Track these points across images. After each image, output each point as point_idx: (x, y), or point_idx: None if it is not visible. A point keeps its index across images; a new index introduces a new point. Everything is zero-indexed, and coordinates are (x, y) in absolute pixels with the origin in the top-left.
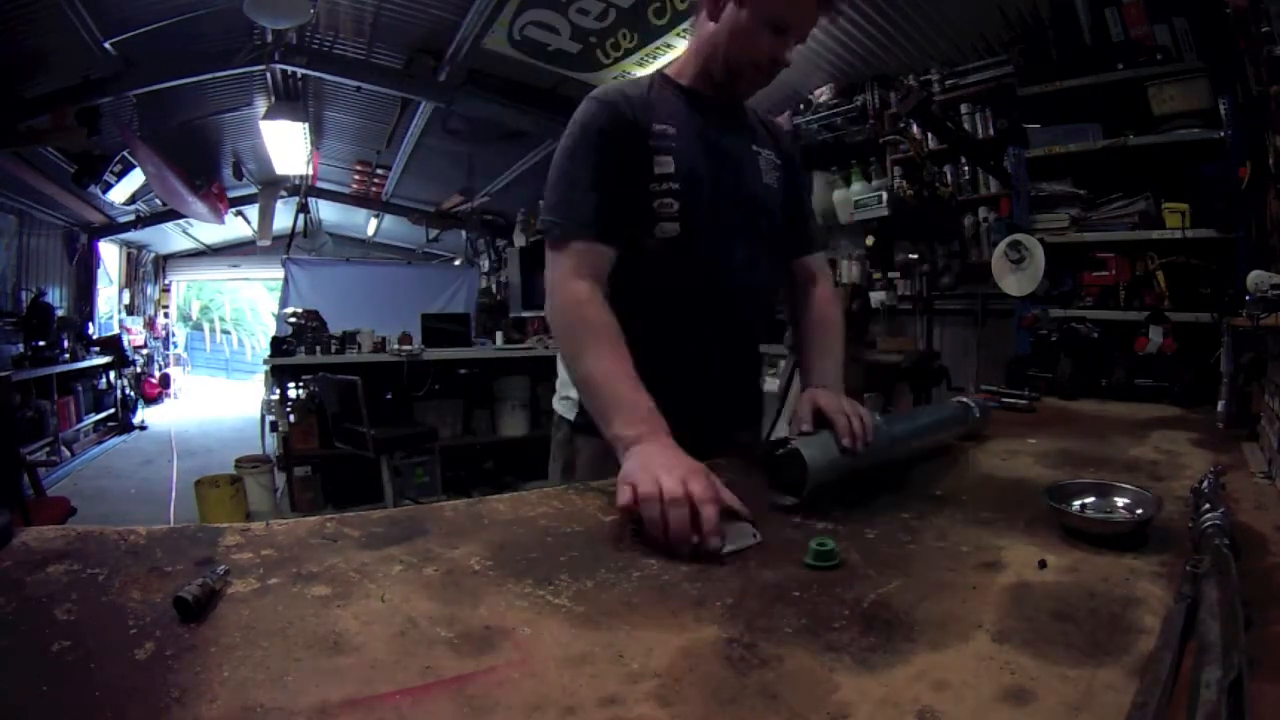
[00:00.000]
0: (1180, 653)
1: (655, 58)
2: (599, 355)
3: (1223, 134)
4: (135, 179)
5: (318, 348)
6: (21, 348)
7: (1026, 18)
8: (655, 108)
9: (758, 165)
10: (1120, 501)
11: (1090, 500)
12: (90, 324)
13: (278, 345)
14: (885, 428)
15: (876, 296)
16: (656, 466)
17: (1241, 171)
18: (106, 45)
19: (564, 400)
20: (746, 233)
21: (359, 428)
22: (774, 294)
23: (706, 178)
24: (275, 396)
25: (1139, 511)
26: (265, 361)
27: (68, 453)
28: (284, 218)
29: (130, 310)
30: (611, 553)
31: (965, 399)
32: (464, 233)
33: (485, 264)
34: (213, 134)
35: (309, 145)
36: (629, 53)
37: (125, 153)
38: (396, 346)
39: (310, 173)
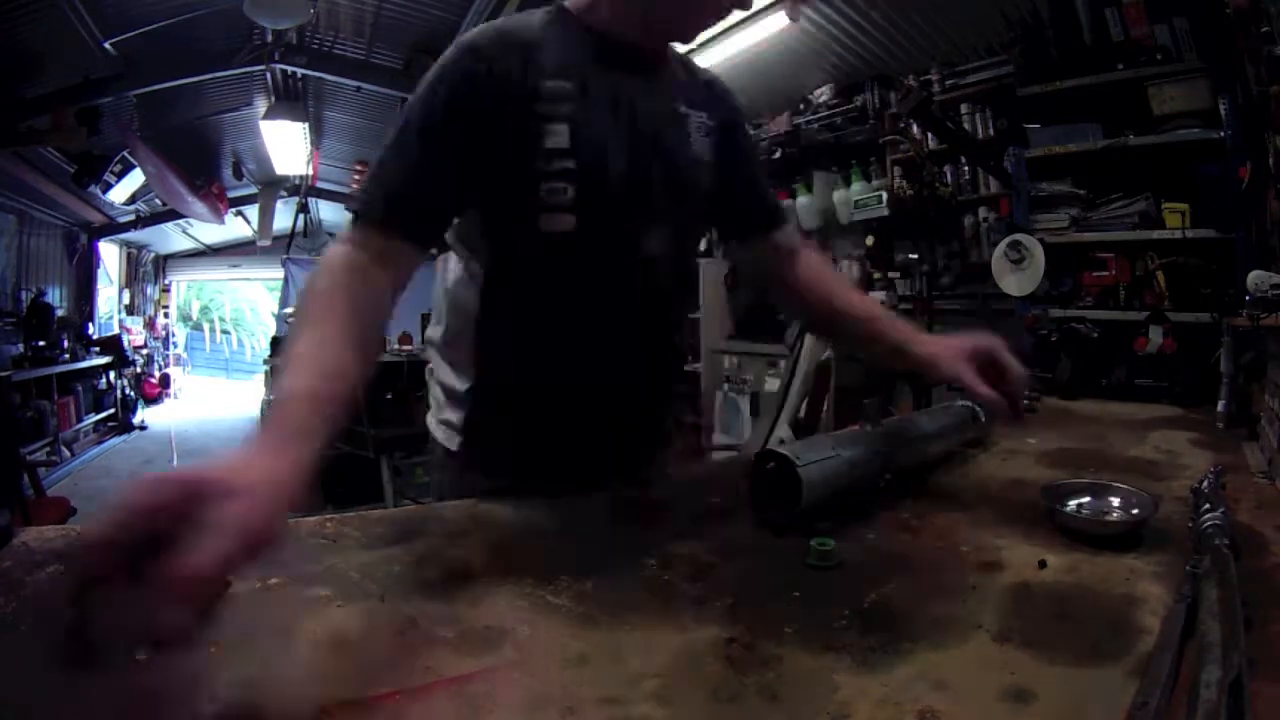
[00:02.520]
0: (1180, 653)
1: None
2: (304, 326)
3: (1223, 134)
4: (135, 179)
5: None
6: (21, 348)
7: (1026, 18)
8: (549, 56)
9: (685, 130)
10: (1116, 501)
11: (1086, 500)
12: (90, 324)
13: (278, 345)
14: (889, 436)
15: (876, 296)
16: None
17: (1241, 171)
18: (106, 45)
19: (441, 425)
20: (665, 220)
21: (359, 428)
22: (693, 287)
23: (614, 151)
24: (275, 397)
25: (1134, 512)
26: (265, 361)
27: (68, 453)
28: (284, 218)
29: (130, 310)
30: (611, 553)
31: (969, 402)
32: None
33: None
34: (213, 134)
35: (309, 145)
36: None
37: (125, 153)
38: (396, 346)
39: (310, 173)
